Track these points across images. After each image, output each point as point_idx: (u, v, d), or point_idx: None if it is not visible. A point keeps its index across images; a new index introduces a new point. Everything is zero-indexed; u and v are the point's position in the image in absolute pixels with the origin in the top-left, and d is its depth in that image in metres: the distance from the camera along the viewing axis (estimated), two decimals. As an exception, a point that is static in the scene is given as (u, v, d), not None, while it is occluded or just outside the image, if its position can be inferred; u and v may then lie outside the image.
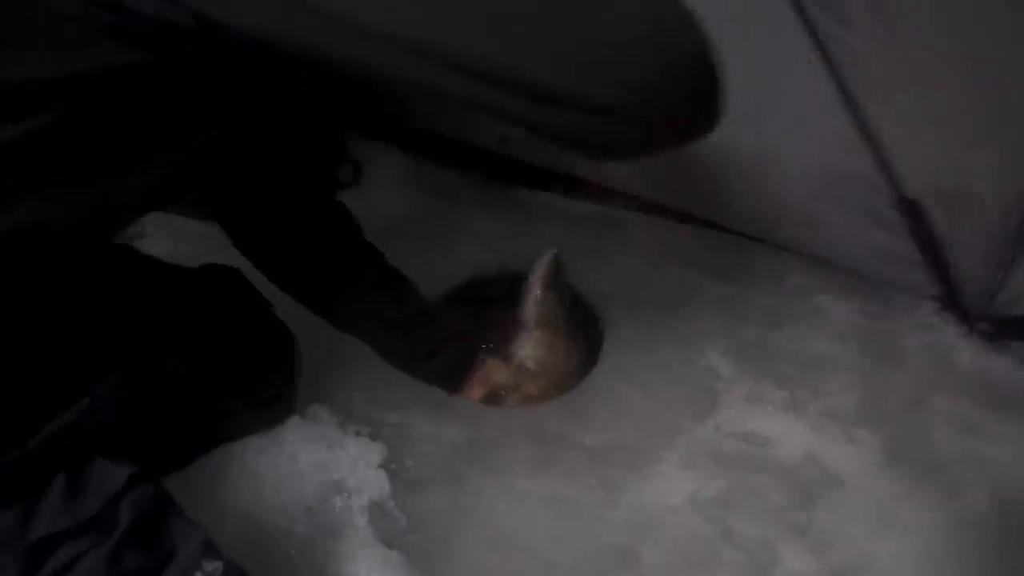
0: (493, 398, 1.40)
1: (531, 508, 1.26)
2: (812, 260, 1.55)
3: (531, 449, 1.33)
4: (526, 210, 1.71)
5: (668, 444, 1.31)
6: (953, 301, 1.46)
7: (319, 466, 1.24)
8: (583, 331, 1.50)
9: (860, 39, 1.22)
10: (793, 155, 1.42)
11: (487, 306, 1.55)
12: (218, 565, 0.84)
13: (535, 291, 1.44)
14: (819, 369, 1.40)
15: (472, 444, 1.34)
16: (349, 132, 1.73)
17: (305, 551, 1.16)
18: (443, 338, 1.32)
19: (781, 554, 1.16)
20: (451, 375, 1.35)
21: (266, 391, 1.20)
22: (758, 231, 1.57)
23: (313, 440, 1.25)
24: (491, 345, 1.45)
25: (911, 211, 1.39)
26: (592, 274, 1.57)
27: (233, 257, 1.21)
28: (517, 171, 1.61)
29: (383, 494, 1.23)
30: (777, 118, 1.39)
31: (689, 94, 0.72)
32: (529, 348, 1.44)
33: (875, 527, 1.17)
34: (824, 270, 1.54)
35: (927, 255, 1.43)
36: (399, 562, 1.15)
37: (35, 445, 0.76)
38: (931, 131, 1.30)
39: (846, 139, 1.34)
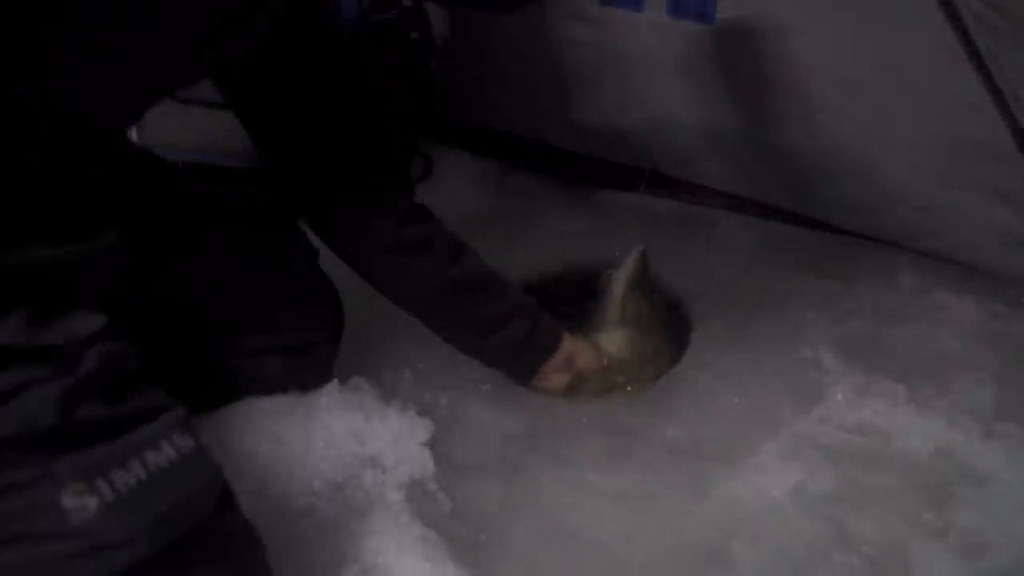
0: (573, 390, 1.21)
1: (600, 502, 1.06)
2: (926, 257, 1.36)
3: (602, 442, 1.15)
4: (606, 210, 1.57)
5: (766, 436, 1.10)
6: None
7: (353, 436, 1.06)
8: (668, 330, 1.32)
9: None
10: (908, 125, 1.27)
11: (560, 305, 1.40)
12: (191, 443, 0.69)
13: (621, 288, 1.29)
14: (944, 366, 1.19)
15: (533, 434, 1.16)
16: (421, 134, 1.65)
17: (327, 528, 0.98)
18: (517, 306, 1.14)
19: (914, 557, 0.93)
20: (524, 354, 1.15)
21: (299, 339, 1.05)
22: (863, 225, 1.40)
23: (351, 409, 1.08)
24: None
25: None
26: (678, 274, 1.41)
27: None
28: (596, 171, 1.50)
29: (426, 473, 1.05)
30: (890, 82, 1.25)
31: None
32: (612, 345, 1.27)
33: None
34: (941, 266, 1.34)
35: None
36: (439, 547, 0.96)
37: (11, 263, 0.64)
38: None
39: (971, 103, 1.19)
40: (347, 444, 1.06)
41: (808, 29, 1.26)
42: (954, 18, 1.13)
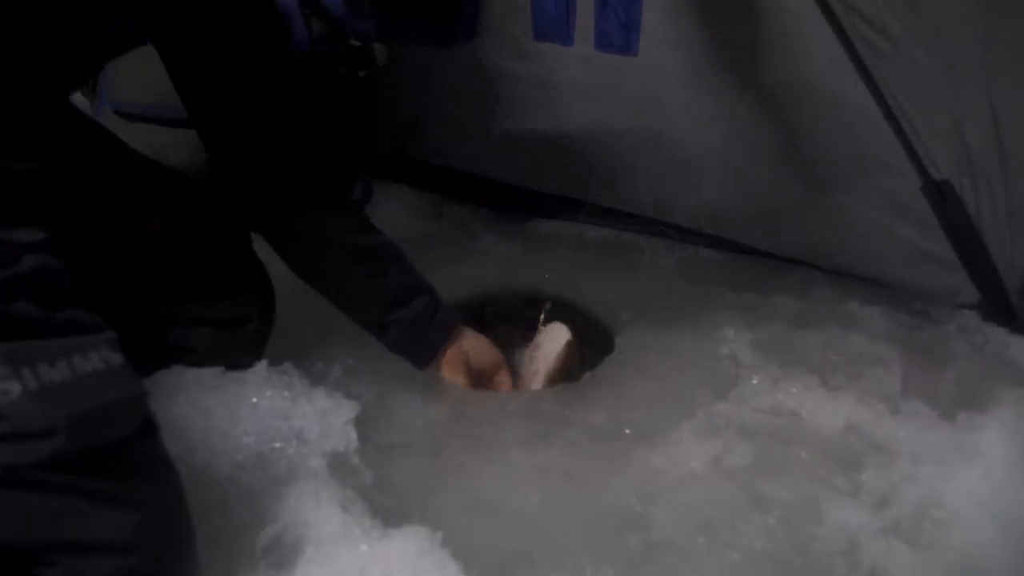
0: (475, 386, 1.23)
1: (521, 477, 1.07)
2: (837, 275, 1.43)
3: (525, 426, 1.16)
4: (539, 237, 1.63)
5: (684, 417, 1.13)
6: (996, 302, 1.32)
7: (279, 413, 1.06)
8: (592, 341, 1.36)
9: (877, 6, 1.21)
10: (811, 143, 1.36)
11: (494, 323, 1.44)
12: (119, 360, 0.71)
13: (546, 369, 1.28)
14: (854, 362, 1.24)
15: (457, 419, 1.17)
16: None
17: (248, 492, 0.97)
18: (419, 286, 1.17)
19: (826, 514, 0.96)
20: (426, 332, 1.18)
21: (229, 314, 1.07)
22: (778, 245, 1.47)
23: (279, 387, 1.09)
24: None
25: (942, 195, 1.30)
26: (604, 290, 1.45)
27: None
28: (531, 201, 1.56)
29: (349, 449, 1.05)
30: (794, 100, 1.35)
31: None
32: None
33: (938, 474, 0.96)
34: (853, 282, 1.42)
35: (961, 248, 1.32)
36: (358, 508, 0.96)
37: None
38: (961, 102, 1.25)
39: (868, 119, 1.29)
40: (272, 419, 1.06)
41: (719, 57, 1.37)
42: (845, 40, 1.25)
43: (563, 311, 1.35)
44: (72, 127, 0.96)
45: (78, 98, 1.55)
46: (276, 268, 1.19)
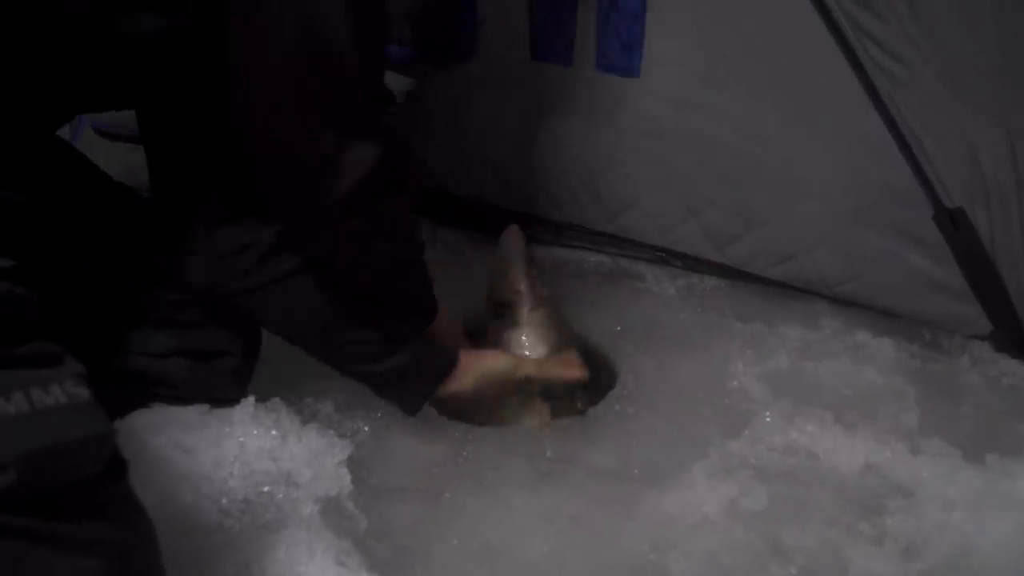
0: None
1: (525, 522, 1.01)
2: (845, 305, 1.39)
3: (527, 467, 1.10)
4: (534, 263, 1.57)
5: (695, 457, 1.08)
6: (1009, 333, 1.28)
7: (267, 454, 0.99)
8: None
9: (891, 31, 1.18)
10: (820, 171, 1.32)
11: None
12: (85, 395, 0.65)
13: (520, 267, 1.26)
14: (868, 397, 1.19)
15: (456, 458, 1.11)
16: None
17: (235, 541, 0.90)
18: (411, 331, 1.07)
19: (851, 563, 0.91)
20: (419, 368, 1.07)
21: (206, 343, 1.01)
22: (783, 273, 1.42)
23: (267, 425, 1.02)
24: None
25: (954, 223, 1.26)
26: (605, 319, 1.39)
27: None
28: (523, 226, 1.50)
29: (342, 492, 0.98)
30: (801, 128, 1.31)
31: None
32: (520, 348, 1.23)
33: (969, 521, 0.92)
34: (859, 311, 1.37)
35: (973, 277, 1.27)
36: (354, 559, 0.90)
37: None
38: (976, 129, 1.21)
39: (878, 146, 1.25)
40: (260, 460, 0.99)
41: (725, 80, 1.33)
42: (859, 68, 1.21)
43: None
44: (44, 152, 0.89)
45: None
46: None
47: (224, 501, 0.95)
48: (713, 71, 1.35)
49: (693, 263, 1.52)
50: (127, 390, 0.96)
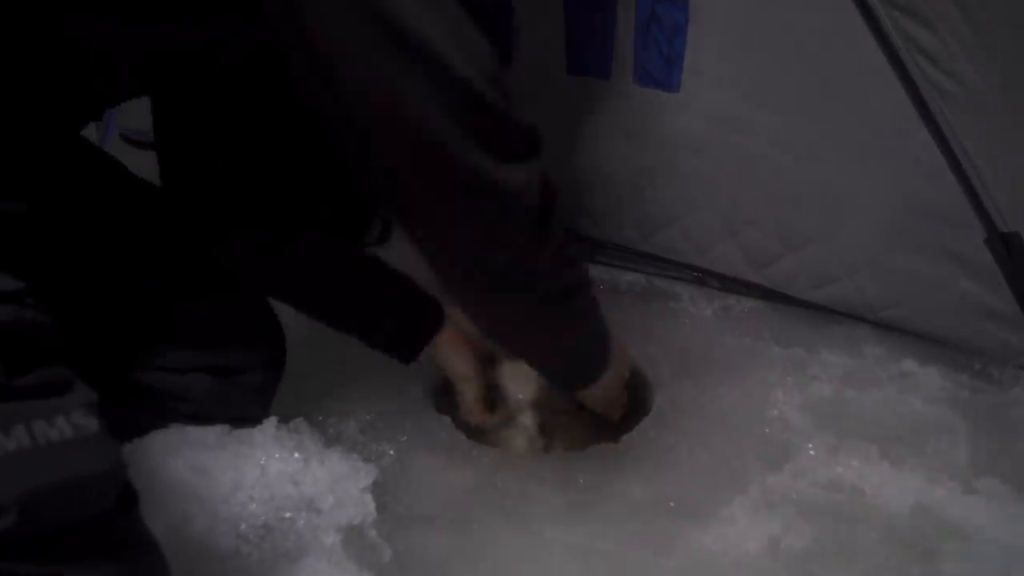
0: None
1: (558, 556, 0.97)
2: (888, 329, 1.33)
3: (559, 497, 1.05)
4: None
5: (735, 491, 1.02)
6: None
7: (289, 478, 0.96)
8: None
9: (943, 43, 1.13)
10: (867, 192, 1.27)
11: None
12: (94, 426, 0.61)
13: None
14: (915, 429, 1.14)
15: (485, 488, 1.06)
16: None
17: (253, 570, 0.87)
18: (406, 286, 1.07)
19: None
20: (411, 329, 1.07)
21: (229, 359, 0.97)
22: (825, 296, 1.37)
23: (288, 447, 0.99)
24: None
25: (1008, 248, 1.20)
26: (640, 342, 1.33)
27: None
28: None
29: (366, 520, 0.95)
30: (848, 148, 1.26)
31: None
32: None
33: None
34: (903, 338, 1.31)
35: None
36: (378, 595, 0.86)
37: None
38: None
39: (929, 168, 1.20)
40: (281, 485, 0.96)
41: (769, 95, 1.29)
42: (910, 85, 1.16)
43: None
44: (64, 155, 0.86)
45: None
46: (287, 311, 1.10)
47: (243, 526, 0.91)
48: (756, 86, 1.30)
49: (731, 284, 1.47)
50: (144, 407, 0.93)
